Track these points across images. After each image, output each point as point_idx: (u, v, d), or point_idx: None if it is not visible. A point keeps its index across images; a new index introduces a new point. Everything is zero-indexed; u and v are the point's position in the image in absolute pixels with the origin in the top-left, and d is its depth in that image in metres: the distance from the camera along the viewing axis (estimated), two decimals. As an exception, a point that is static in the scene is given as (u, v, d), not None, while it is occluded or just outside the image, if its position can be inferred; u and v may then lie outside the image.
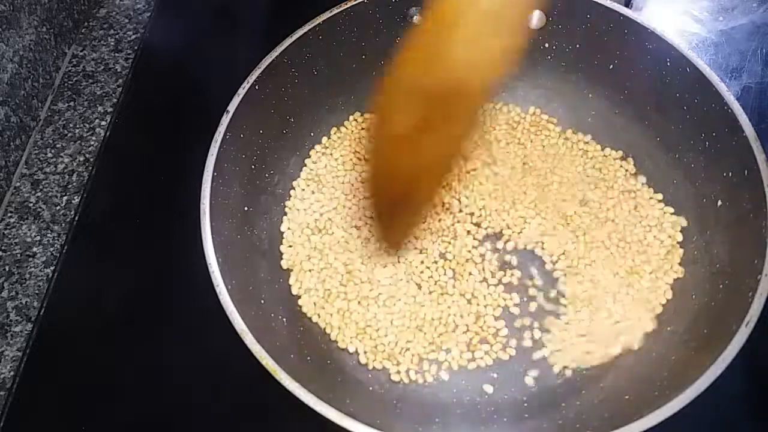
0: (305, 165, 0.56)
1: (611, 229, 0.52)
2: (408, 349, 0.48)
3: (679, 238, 0.51)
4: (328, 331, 0.49)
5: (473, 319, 0.49)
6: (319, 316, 0.49)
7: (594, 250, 0.51)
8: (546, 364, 0.48)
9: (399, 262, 0.51)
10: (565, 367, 0.47)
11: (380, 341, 0.48)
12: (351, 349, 0.48)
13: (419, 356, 0.48)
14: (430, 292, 0.50)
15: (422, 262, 0.51)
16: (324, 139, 0.57)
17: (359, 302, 0.50)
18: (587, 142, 0.56)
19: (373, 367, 0.47)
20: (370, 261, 0.51)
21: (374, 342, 0.48)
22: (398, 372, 0.47)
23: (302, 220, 0.53)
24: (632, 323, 0.48)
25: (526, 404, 0.46)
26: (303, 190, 0.55)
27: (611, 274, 0.50)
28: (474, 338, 0.48)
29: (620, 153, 0.55)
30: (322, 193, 0.54)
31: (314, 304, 0.50)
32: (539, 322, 0.49)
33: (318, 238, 0.52)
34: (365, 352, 0.48)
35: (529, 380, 0.47)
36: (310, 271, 0.51)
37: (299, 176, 0.55)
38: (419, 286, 0.50)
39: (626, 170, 0.54)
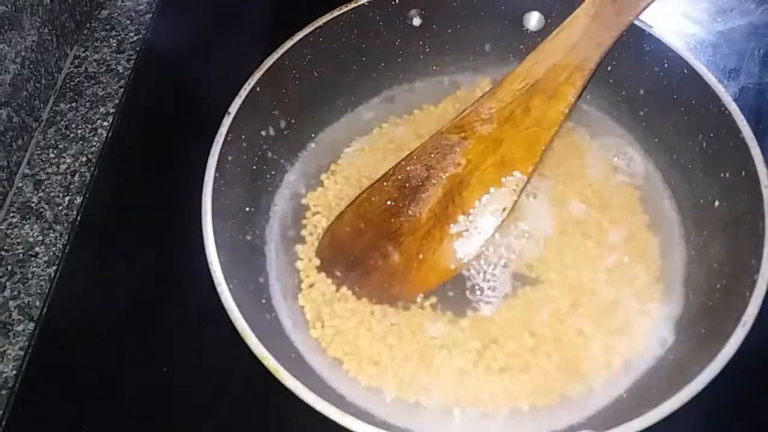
0: (307, 166, 0.56)
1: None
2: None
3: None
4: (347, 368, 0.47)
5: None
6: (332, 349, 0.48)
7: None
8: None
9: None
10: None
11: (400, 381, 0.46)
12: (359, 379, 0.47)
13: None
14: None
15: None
16: (328, 143, 0.56)
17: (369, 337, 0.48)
18: (585, 143, 0.56)
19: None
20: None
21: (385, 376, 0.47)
22: None
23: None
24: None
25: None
26: (306, 195, 0.55)
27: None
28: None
29: (618, 153, 0.55)
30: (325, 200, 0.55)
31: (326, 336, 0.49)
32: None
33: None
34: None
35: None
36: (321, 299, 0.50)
37: (300, 177, 0.55)
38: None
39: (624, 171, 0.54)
